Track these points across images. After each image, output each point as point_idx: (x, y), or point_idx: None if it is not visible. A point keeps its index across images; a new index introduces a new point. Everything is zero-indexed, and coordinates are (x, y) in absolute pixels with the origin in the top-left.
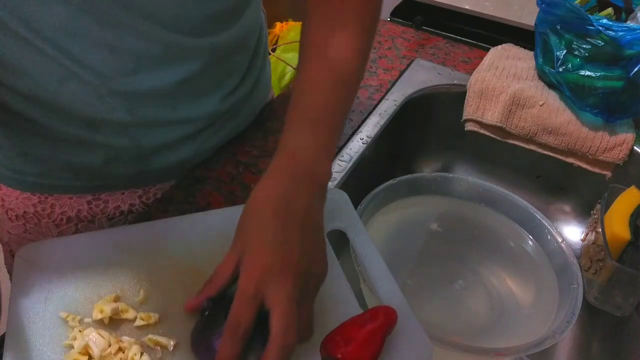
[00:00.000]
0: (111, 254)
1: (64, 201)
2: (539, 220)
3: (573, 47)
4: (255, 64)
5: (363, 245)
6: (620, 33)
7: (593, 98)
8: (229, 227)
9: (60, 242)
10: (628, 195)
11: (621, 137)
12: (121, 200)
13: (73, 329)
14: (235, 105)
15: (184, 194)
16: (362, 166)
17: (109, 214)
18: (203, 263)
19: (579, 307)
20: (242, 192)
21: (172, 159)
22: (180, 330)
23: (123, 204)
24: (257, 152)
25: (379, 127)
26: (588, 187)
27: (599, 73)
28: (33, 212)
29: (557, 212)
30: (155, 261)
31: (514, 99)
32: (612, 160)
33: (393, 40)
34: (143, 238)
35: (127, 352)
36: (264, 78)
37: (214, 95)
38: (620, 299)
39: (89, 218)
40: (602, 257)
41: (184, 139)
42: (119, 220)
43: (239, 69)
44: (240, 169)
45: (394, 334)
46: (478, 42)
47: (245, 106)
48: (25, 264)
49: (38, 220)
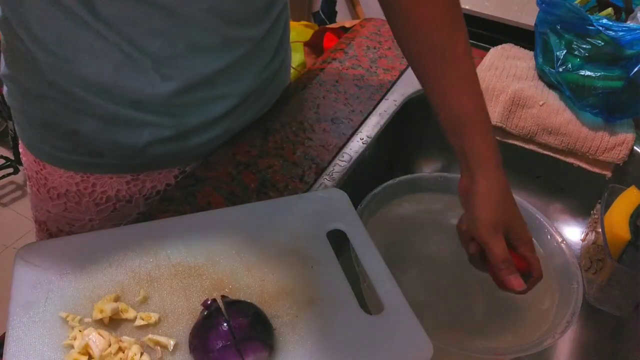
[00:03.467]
0: (111, 254)
1: (104, 180)
2: (539, 220)
3: (573, 47)
4: (282, 46)
5: (363, 245)
6: (620, 33)
7: (593, 98)
8: (229, 227)
9: (60, 242)
10: (628, 195)
11: (621, 137)
12: (158, 180)
13: (73, 329)
14: (264, 85)
15: (184, 194)
16: (362, 166)
17: (145, 193)
18: (203, 263)
19: (579, 307)
20: (242, 192)
21: (205, 137)
22: (180, 330)
23: (159, 184)
24: (257, 152)
25: (379, 127)
26: (588, 187)
27: (599, 73)
28: (75, 190)
29: (557, 212)
30: (155, 261)
31: (514, 99)
32: (612, 160)
33: (393, 40)
34: (143, 238)
35: (127, 352)
36: (287, 59)
37: (249, 72)
38: (620, 299)
39: (127, 198)
40: (602, 257)
41: (220, 117)
42: (154, 200)
43: (269, 50)
44: (240, 169)
45: (394, 334)
46: (478, 42)
47: (271, 86)
48: (25, 264)
49: (79, 199)
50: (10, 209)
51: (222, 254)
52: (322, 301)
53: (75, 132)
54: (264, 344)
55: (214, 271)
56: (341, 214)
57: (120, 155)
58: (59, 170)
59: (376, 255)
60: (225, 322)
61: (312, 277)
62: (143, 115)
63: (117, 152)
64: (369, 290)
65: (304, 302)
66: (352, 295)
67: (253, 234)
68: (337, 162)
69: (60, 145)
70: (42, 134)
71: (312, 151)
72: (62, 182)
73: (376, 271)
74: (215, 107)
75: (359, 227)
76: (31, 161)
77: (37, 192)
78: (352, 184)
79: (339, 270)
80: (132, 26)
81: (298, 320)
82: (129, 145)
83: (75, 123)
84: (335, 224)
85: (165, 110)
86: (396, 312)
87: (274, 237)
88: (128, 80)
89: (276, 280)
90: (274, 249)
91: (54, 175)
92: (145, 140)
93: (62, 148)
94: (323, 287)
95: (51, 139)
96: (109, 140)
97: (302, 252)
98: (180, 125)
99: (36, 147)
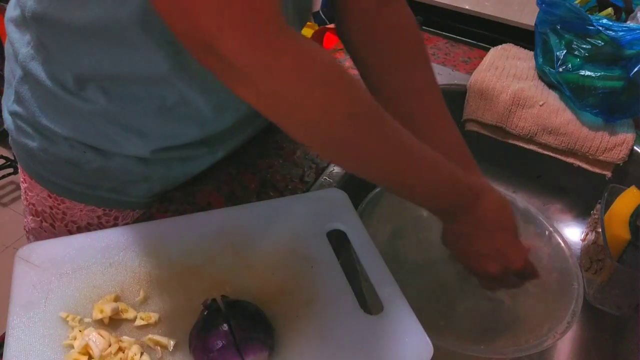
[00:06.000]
0: (111, 254)
1: (126, 213)
2: (539, 220)
3: (573, 47)
4: None
5: (363, 245)
6: (620, 33)
7: (593, 98)
8: (229, 227)
9: (60, 242)
10: (628, 195)
11: (621, 137)
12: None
13: (73, 329)
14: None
15: (184, 194)
16: None
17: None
18: (203, 263)
19: (579, 307)
20: (242, 192)
21: (230, 147)
22: (180, 330)
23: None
24: (257, 152)
25: None
26: (588, 187)
27: (599, 73)
28: (97, 223)
29: (557, 212)
30: (155, 261)
31: (514, 99)
32: (612, 160)
33: None
34: (143, 238)
35: (127, 352)
36: None
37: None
38: (620, 299)
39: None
40: (602, 257)
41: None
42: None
43: None
44: (240, 169)
45: (394, 334)
46: (478, 42)
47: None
48: (25, 264)
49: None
50: (10, 209)
51: (222, 254)
52: (322, 301)
53: (103, 169)
54: (263, 344)
55: (214, 271)
56: (341, 214)
57: (148, 191)
58: (79, 205)
59: (376, 255)
60: (225, 322)
61: (312, 277)
62: (179, 152)
63: (146, 188)
64: (369, 290)
65: (303, 302)
66: (352, 295)
67: (253, 234)
68: None
69: (85, 182)
70: (65, 171)
71: (312, 151)
72: (83, 216)
73: (376, 271)
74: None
75: (359, 227)
76: (43, 197)
77: (51, 227)
78: (352, 184)
79: (339, 270)
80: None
81: (298, 320)
82: (159, 177)
83: (104, 160)
84: (335, 224)
85: (204, 144)
86: (396, 312)
87: (274, 237)
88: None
89: (276, 280)
90: (274, 249)
91: (74, 210)
92: (177, 174)
93: (87, 184)
94: (323, 287)
95: (75, 176)
96: (139, 175)
97: (302, 252)
98: (213, 154)
99: (55, 183)
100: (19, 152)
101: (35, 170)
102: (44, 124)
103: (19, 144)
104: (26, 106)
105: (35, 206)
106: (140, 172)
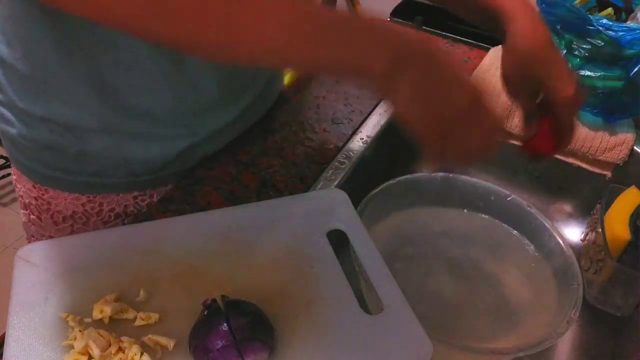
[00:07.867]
0: (111, 254)
1: (111, 198)
2: (539, 220)
3: (573, 47)
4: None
5: (363, 245)
6: (620, 33)
7: (593, 98)
8: (229, 227)
9: (60, 242)
10: (628, 195)
11: (621, 137)
12: (164, 192)
13: (73, 329)
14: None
15: (184, 194)
16: (362, 166)
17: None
18: (203, 263)
19: (579, 307)
20: (242, 192)
21: (213, 147)
22: (180, 330)
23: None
24: (257, 152)
25: (379, 127)
26: (588, 187)
27: (599, 73)
28: (82, 211)
29: (557, 212)
30: (155, 261)
31: None
32: (612, 160)
33: None
34: (143, 238)
35: (127, 352)
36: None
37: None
38: (620, 299)
39: (135, 212)
40: (602, 257)
41: (229, 124)
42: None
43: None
44: (240, 169)
45: (394, 334)
46: (478, 42)
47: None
48: (25, 264)
49: (86, 219)
50: (10, 209)
51: (222, 254)
52: (322, 301)
53: (83, 152)
54: (263, 344)
55: (214, 271)
56: (341, 214)
57: (129, 174)
58: (62, 193)
59: (376, 255)
60: (225, 322)
61: (312, 277)
62: (156, 129)
63: (127, 170)
64: (369, 290)
65: (304, 302)
66: (352, 295)
67: (253, 234)
68: (337, 162)
69: (64, 167)
70: (45, 158)
71: (312, 151)
72: (68, 205)
73: (376, 271)
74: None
75: (359, 227)
76: (29, 188)
77: (37, 220)
78: (352, 184)
79: (339, 270)
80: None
81: (298, 320)
82: (139, 161)
83: (83, 143)
84: (335, 224)
85: (179, 122)
86: (396, 312)
87: (274, 237)
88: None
89: (276, 280)
90: (274, 249)
91: (58, 199)
92: (156, 154)
93: (67, 170)
94: (323, 287)
95: (56, 162)
96: (120, 158)
97: (302, 252)
98: (193, 135)
99: (36, 171)
100: (5, 142)
101: (18, 158)
102: (21, 107)
103: (4, 133)
104: (4, 91)
105: (23, 199)
106: (119, 154)
